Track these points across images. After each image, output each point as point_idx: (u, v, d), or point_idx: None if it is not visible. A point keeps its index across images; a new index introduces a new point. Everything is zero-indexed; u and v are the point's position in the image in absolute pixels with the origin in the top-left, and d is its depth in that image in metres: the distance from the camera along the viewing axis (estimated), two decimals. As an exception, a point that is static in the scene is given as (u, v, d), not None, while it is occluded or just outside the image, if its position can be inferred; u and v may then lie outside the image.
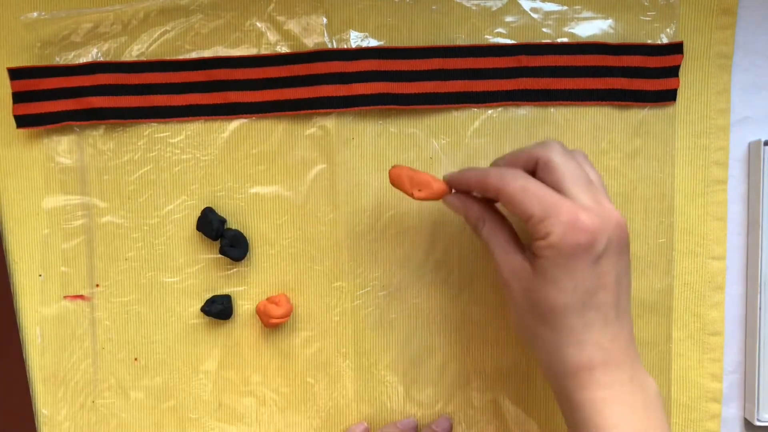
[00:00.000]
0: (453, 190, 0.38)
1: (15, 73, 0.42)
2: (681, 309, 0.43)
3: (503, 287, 0.36)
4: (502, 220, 0.37)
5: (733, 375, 0.44)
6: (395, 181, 0.38)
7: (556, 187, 0.34)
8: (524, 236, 0.36)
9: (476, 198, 0.37)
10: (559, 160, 0.34)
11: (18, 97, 0.42)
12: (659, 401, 0.34)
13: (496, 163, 0.38)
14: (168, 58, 0.42)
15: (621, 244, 0.34)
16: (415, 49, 0.42)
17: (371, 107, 0.42)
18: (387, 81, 0.42)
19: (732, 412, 0.44)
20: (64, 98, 0.42)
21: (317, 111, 0.42)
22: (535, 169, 0.35)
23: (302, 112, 0.42)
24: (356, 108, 0.42)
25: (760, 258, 0.42)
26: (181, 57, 0.42)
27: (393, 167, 0.38)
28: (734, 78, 0.43)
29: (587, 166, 0.36)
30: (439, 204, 0.42)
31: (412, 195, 0.38)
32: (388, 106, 0.42)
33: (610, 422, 0.33)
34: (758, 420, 0.43)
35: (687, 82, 0.43)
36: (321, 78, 0.42)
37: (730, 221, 0.43)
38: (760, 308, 0.42)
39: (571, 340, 0.34)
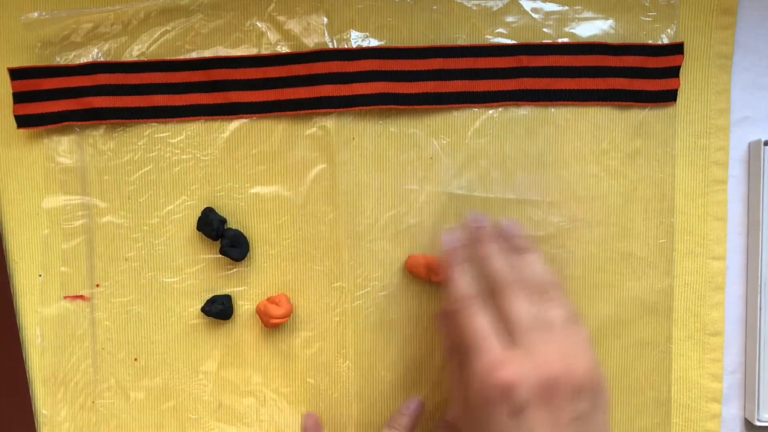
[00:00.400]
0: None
1: (15, 74, 0.42)
2: (681, 309, 0.43)
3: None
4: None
5: (734, 375, 0.44)
6: (412, 270, 0.42)
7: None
8: None
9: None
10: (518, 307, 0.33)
11: (18, 98, 0.42)
12: None
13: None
14: (168, 58, 0.42)
15: (555, 398, 0.30)
16: (416, 49, 0.42)
17: (371, 107, 0.42)
18: (387, 81, 0.42)
19: (732, 412, 0.44)
20: (64, 98, 0.42)
21: (317, 111, 0.42)
22: None
23: (302, 112, 0.42)
24: (356, 108, 0.42)
25: (760, 258, 0.42)
26: (181, 57, 0.42)
27: (409, 257, 0.42)
28: (734, 78, 0.43)
29: (553, 305, 0.33)
30: (439, 203, 0.42)
31: (429, 279, 0.42)
32: (388, 106, 0.42)
33: None
34: (758, 420, 0.43)
35: (687, 83, 0.43)
36: (321, 78, 0.42)
37: (730, 221, 0.43)
38: (760, 308, 0.42)
39: None
